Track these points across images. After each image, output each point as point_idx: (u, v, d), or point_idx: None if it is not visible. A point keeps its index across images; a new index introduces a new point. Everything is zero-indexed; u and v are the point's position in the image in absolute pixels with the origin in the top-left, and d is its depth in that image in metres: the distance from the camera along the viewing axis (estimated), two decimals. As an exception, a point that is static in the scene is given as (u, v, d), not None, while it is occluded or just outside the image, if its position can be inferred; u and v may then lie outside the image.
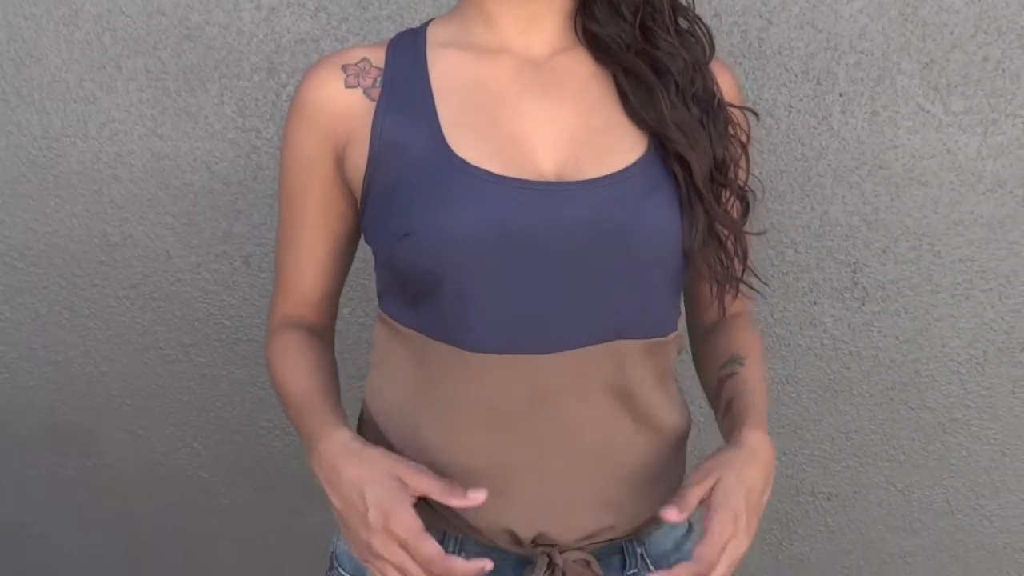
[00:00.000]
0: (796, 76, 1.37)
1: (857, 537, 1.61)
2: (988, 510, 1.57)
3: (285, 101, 1.40)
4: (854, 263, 1.45)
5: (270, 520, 1.68)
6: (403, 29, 0.97)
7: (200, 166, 1.45)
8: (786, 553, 1.63)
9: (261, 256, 1.50)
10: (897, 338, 1.48)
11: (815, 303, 1.48)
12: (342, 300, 1.05)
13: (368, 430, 0.96)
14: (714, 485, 0.82)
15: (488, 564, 0.79)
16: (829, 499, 1.59)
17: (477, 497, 0.81)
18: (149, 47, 1.38)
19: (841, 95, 1.38)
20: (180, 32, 1.38)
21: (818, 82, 1.37)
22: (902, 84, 1.37)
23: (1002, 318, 1.47)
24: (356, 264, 1.03)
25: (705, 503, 0.82)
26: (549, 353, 0.85)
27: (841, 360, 1.50)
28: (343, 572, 0.97)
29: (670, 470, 0.95)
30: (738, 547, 0.82)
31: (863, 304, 1.47)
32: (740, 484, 0.83)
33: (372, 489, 0.79)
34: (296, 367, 0.93)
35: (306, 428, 0.89)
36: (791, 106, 1.38)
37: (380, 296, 0.95)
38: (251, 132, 1.43)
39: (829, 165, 1.40)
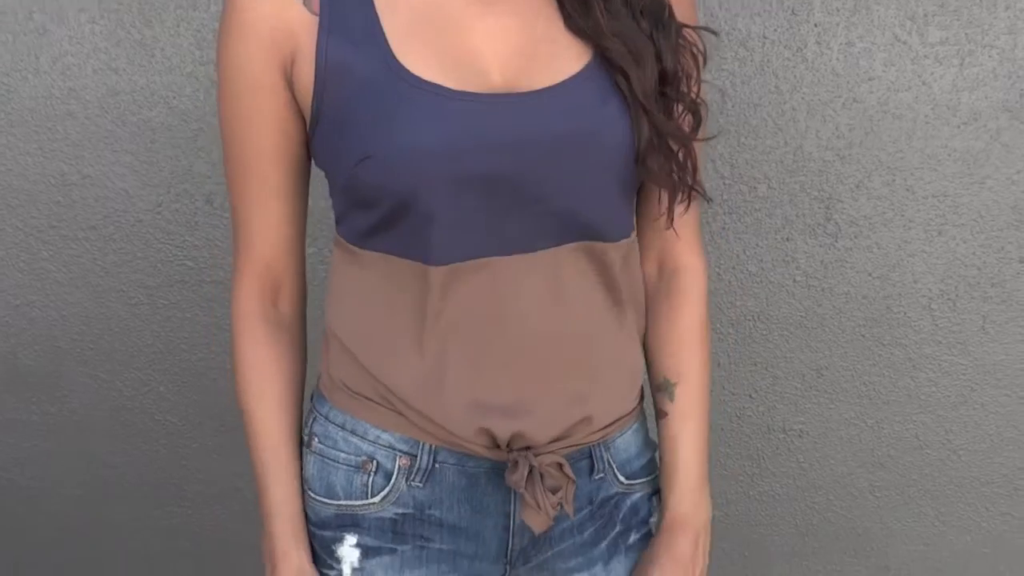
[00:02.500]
0: (771, 5, 1.33)
1: (827, 473, 1.61)
2: (956, 444, 1.58)
3: (244, 33, 1.34)
4: (827, 198, 1.42)
5: (239, 463, 1.65)
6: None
7: (158, 101, 1.40)
8: (757, 489, 1.62)
9: (223, 195, 1.45)
10: (870, 274, 1.47)
11: (788, 239, 1.46)
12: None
13: (335, 354, 0.95)
14: None
15: None
16: (800, 436, 1.58)
17: None
18: (100, -25, 1.32)
19: (816, 25, 1.34)
20: (132, -41, 1.31)
21: (793, 12, 1.33)
22: (878, 14, 1.33)
23: (974, 253, 1.45)
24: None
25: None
26: (511, 254, 0.85)
27: (813, 297, 1.49)
28: (311, 493, 0.96)
29: (634, 361, 0.98)
30: None
31: (836, 240, 1.45)
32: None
33: None
34: (263, 407, 0.94)
35: (264, 507, 0.95)
36: (765, 37, 1.34)
37: (338, 222, 0.92)
38: (209, 65, 1.37)
39: (803, 98, 1.37)
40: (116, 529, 1.72)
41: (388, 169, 0.80)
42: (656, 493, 1.03)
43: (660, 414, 1.01)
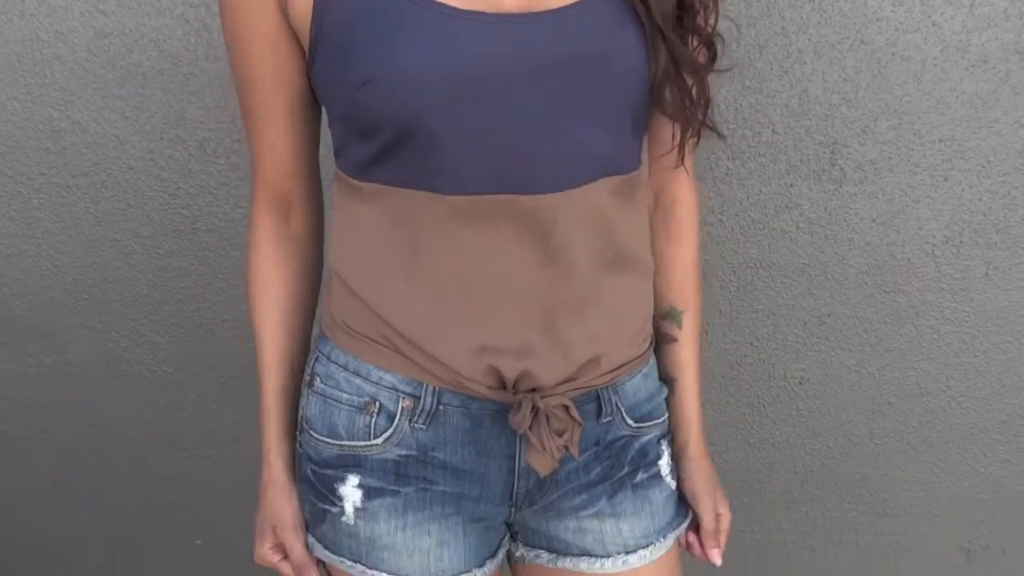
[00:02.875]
0: (778, -56, 1.29)
1: (827, 420, 1.60)
2: (956, 391, 1.57)
3: (236, -28, 1.30)
4: (833, 143, 1.40)
5: (237, 413, 1.64)
6: None
7: (148, 44, 1.35)
8: (756, 437, 1.62)
9: (217, 141, 1.42)
10: (874, 220, 1.45)
11: (792, 185, 1.43)
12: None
13: (337, 293, 0.93)
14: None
15: None
16: (800, 383, 1.58)
17: None
18: (85, -88, 1.27)
19: (824, -36, 1.30)
20: None
21: (801, -50, 1.29)
22: (888, -48, 1.29)
23: (980, 199, 1.43)
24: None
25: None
26: (528, 193, 0.82)
27: (816, 244, 1.47)
28: (313, 433, 0.95)
29: (646, 302, 0.97)
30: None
31: (840, 186, 1.42)
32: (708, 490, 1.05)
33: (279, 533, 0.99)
34: (269, 318, 0.97)
35: (262, 423, 0.99)
36: (772, -24, 1.31)
37: (337, 154, 0.89)
38: (200, 7, 1.33)
39: (810, 39, 1.33)
40: (113, 480, 1.71)
41: (389, 92, 0.77)
42: (665, 436, 1.02)
43: (667, 339, 1.02)
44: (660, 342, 1.03)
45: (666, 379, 1.04)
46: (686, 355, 1.03)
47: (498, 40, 0.78)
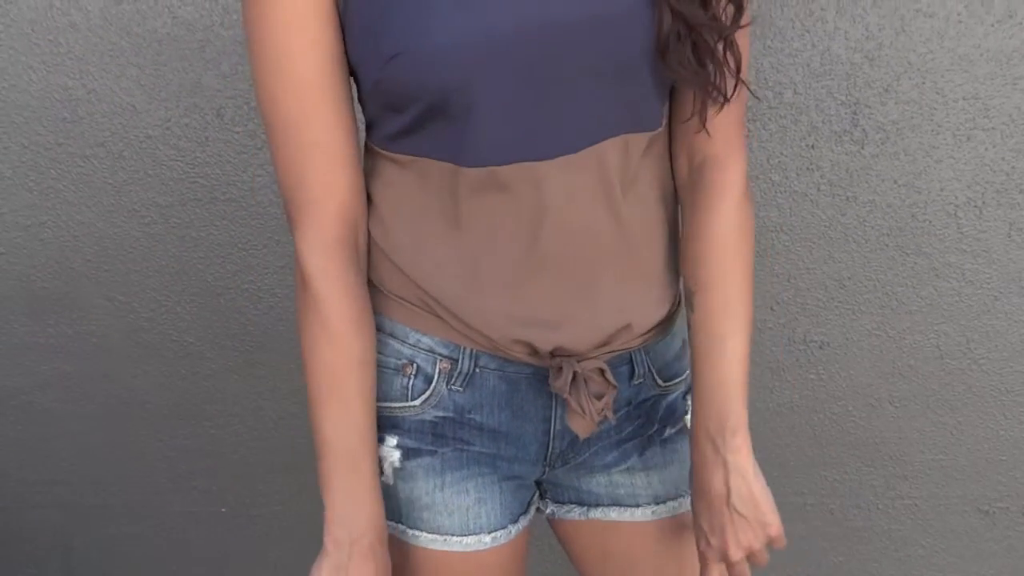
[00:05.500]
0: (800, -102, 1.22)
1: (847, 384, 1.55)
2: (977, 354, 1.51)
3: (250, -65, 1.24)
4: (855, 103, 1.33)
5: (259, 383, 1.60)
6: None
7: (163, 11, 1.30)
8: (776, 400, 1.57)
9: (234, 108, 1.36)
10: (895, 181, 1.38)
11: (813, 147, 1.37)
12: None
13: (374, 257, 0.87)
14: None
15: None
16: (821, 347, 1.52)
17: None
18: None
19: (847, -81, 1.23)
20: None
21: (824, -96, 1.23)
22: (912, -95, 1.22)
23: (1003, 158, 1.36)
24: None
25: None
26: (554, 157, 0.78)
27: (837, 206, 1.41)
28: None
29: (673, 258, 0.91)
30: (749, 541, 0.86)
31: (862, 147, 1.36)
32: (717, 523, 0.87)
33: None
34: (333, 408, 0.82)
35: (330, 488, 0.83)
36: (794, -68, 1.24)
37: (369, 128, 0.84)
38: (215, -29, 1.27)
39: (832, -3, 1.27)
40: (138, 449, 1.67)
41: (420, 66, 0.73)
42: (689, 391, 0.98)
43: (688, 320, 0.91)
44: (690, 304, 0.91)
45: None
46: (698, 342, 0.88)
47: (524, 6, 0.74)
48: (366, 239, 0.86)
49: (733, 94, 0.83)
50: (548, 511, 1.01)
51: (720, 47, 0.80)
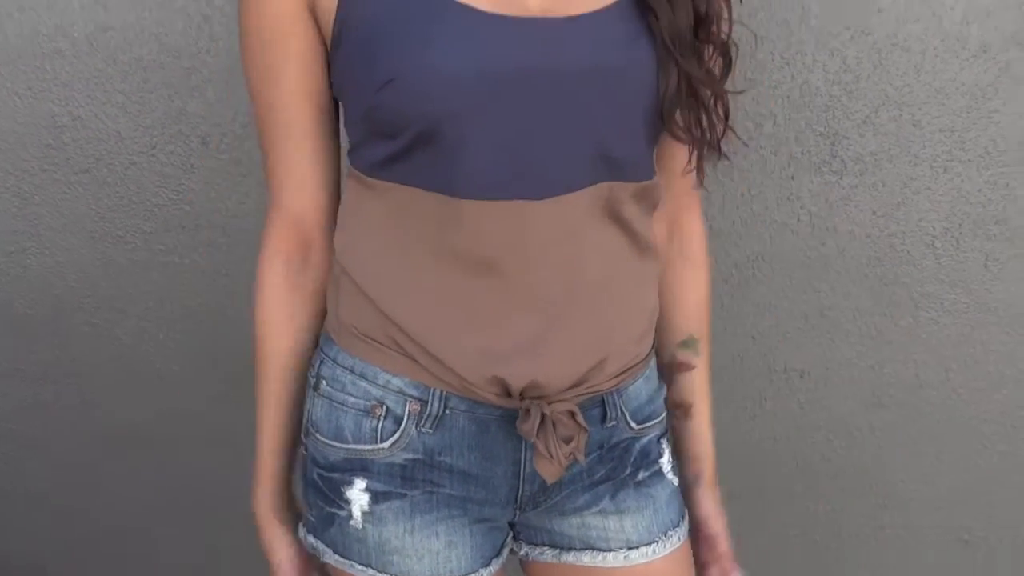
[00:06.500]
0: (778, -66, 1.23)
1: (827, 413, 1.53)
2: (956, 383, 1.50)
3: (237, -35, 1.23)
4: (833, 135, 1.33)
5: (244, 410, 1.56)
6: None
7: (149, 38, 1.29)
8: (757, 430, 1.55)
9: (219, 136, 1.35)
10: (874, 212, 1.38)
11: (792, 177, 1.36)
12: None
13: (345, 295, 0.87)
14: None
15: None
16: (801, 376, 1.51)
17: None
18: (84, -97, 1.20)
19: (825, -45, 1.24)
20: None
21: (801, -60, 1.23)
22: (888, -57, 1.23)
23: (979, 190, 1.36)
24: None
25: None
26: (543, 198, 0.77)
27: (817, 236, 1.40)
28: (319, 436, 0.89)
29: (652, 304, 0.93)
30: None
31: (841, 178, 1.36)
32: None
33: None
34: (271, 375, 0.93)
35: (257, 447, 0.96)
36: (773, -33, 1.24)
37: (352, 152, 0.83)
38: (201, 0, 1.26)
39: (811, 30, 1.27)
40: (117, 478, 1.64)
41: (414, 93, 0.73)
42: (664, 435, 0.97)
43: (684, 367, 0.99)
44: (676, 370, 1.00)
45: (681, 404, 1.01)
46: (702, 382, 1.01)
47: (522, 43, 0.74)
48: (322, 258, 0.89)
49: (719, 145, 0.84)
50: (522, 552, 0.98)
51: (712, 100, 0.81)
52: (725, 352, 1.49)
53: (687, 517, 0.99)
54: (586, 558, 0.95)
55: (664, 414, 0.98)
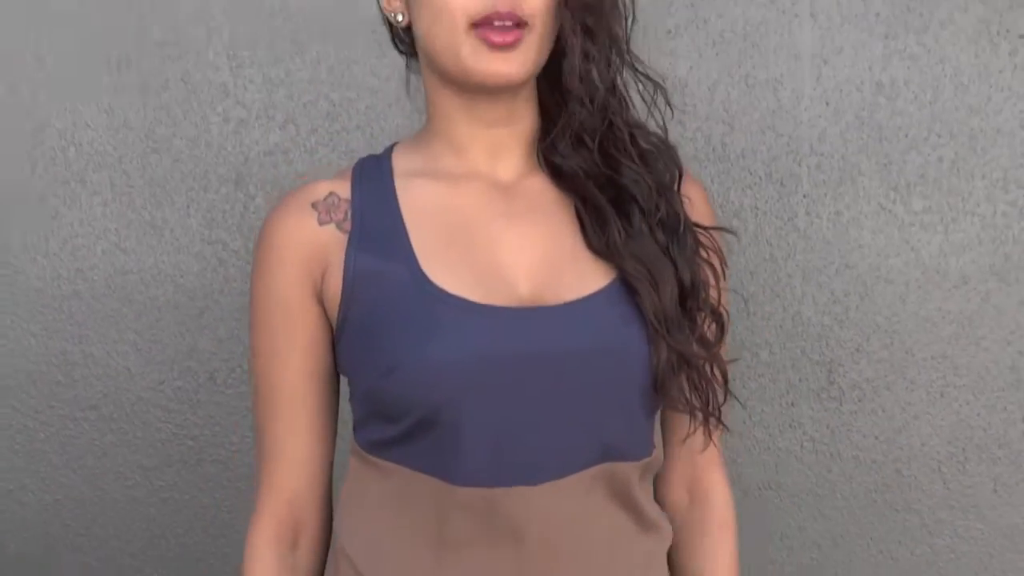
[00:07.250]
0: (760, 179, 1.31)
1: (850, 650, 1.44)
2: (980, 616, 1.43)
3: (253, 213, 1.30)
4: (829, 362, 1.35)
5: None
6: (371, 140, 0.90)
7: (165, 280, 1.33)
8: (778, 671, 1.45)
9: (227, 371, 1.36)
10: (876, 438, 1.37)
11: (793, 404, 1.37)
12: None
13: (342, 570, 0.84)
14: None
15: None
16: (819, 610, 1.43)
17: None
18: (115, 160, 1.28)
19: (805, 196, 1.31)
20: (146, 145, 1.28)
21: (782, 184, 1.31)
22: (863, 185, 1.30)
23: (978, 414, 1.36)
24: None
25: None
26: (540, 483, 0.77)
27: (823, 462, 1.38)
28: None
29: (660, 570, 0.89)
30: None
31: (840, 404, 1.36)
32: None
33: None
34: None
35: None
36: (757, 208, 1.31)
37: (356, 428, 0.84)
38: (217, 244, 1.32)
39: (797, 265, 1.32)
40: None
41: (414, 382, 0.74)
42: None
43: None
44: None
45: None
46: None
47: (518, 332, 0.76)
48: (315, 536, 0.87)
49: (720, 411, 0.84)
50: None
51: (708, 368, 0.82)
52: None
53: None
54: None
55: None
